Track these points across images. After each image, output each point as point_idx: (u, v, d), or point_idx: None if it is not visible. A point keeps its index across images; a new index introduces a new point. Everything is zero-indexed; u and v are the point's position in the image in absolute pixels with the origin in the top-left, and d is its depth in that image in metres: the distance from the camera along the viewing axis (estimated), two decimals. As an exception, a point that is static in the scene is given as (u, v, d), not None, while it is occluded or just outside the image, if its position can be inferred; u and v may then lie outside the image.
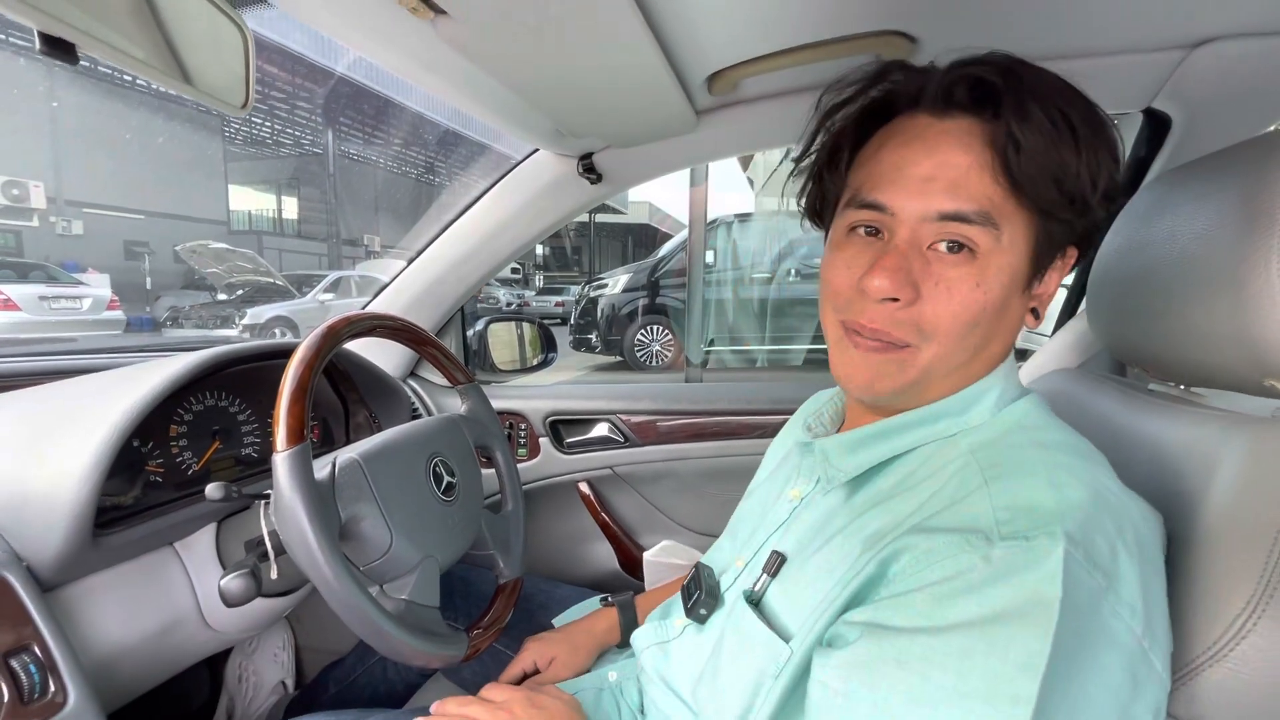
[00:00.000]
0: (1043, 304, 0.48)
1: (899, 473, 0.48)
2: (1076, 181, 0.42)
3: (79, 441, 0.64)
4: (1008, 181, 0.42)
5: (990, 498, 0.40)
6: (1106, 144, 0.43)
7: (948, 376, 0.47)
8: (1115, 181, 0.44)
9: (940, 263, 0.44)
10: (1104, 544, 0.37)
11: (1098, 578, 0.36)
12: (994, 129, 0.43)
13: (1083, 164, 0.42)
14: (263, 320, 8.76)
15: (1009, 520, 0.38)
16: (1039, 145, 0.41)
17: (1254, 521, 0.41)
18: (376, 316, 0.77)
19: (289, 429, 0.60)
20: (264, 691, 1.06)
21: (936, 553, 0.39)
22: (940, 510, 0.42)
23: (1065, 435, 0.45)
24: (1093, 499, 0.39)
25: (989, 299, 0.43)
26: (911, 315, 0.44)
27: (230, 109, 0.52)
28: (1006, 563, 0.36)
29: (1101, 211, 0.44)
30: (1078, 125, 0.42)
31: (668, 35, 0.66)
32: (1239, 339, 0.44)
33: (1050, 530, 0.36)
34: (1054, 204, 0.43)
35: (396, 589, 0.67)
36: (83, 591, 0.67)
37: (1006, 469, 0.42)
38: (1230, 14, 0.69)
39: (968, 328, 0.44)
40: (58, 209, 11.48)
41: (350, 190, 17.66)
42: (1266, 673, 0.39)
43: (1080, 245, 0.47)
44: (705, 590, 0.59)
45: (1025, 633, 0.34)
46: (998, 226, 0.42)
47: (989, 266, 0.43)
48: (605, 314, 6.29)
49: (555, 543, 1.31)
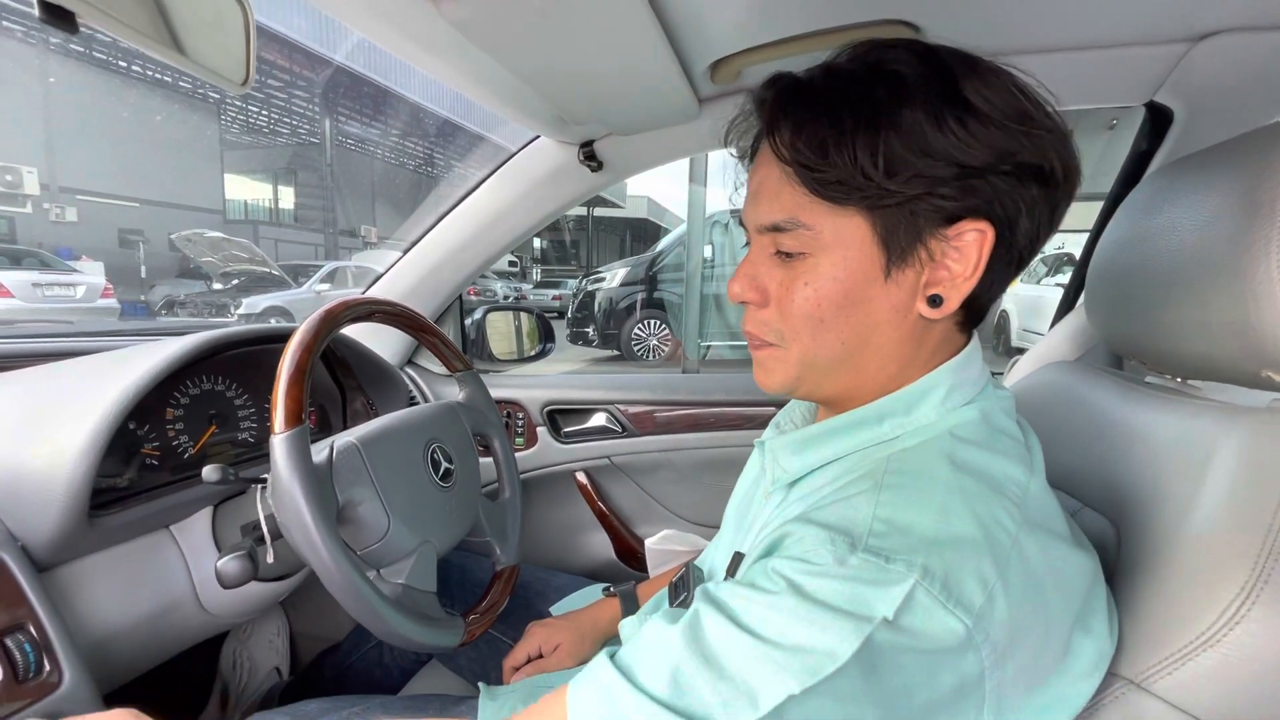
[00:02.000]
0: (949, 288, 0.44)
1: (831, 472, 0.48)
2: (851, 169, 0.41)
3: (75, 422, 0.63)
4: (804, 185, 0.43)
5: (876, 504, 0.40)
6: (868, 126, 0.41)
7: (844, 371, 0.47)
8: (902, 153, 0.40)
9: (779, 268, 0.47)
10: (974, 584, 0.37)
11: (959, 615, 0.36)
12: (773, 142, 0.45)
13: (844, 150, 0.41)
14: (258, 310, 8.73)
15: (883, 534, 0.38)
16: (800, 147, 0.42)
17: (1249, 511, 0.41)
18: (375, 301, 0.77)
19: (287, 411, 0.59)
20: (259, 676, 1.06)
21: (805, 540, 0.40)
22: (828, 503, 0.42)
23: (989, 459, 0.43)
24: (980, 537, 0.38)
25: (822, 296, 0.45)
26: (766, 317, 0.48)
27: (230, 86, 0.51)
28: (855, 572, 0.37)
29: (915, 188, 0.41)
30: (841, 117, 0.41)
31: (672, 20, 0.66)
32: (1238, 330, 0.44)
33: (910, 560, 0.36)
34: (854, 194, 0.42)
35: (393, 573, 0.67)
36: (78, 572, 0.67)
37: (907, 478, 0.42)
38: (1234, 8, 0.69)
39: (812, 324, 0.46)
40: (51, 195, 11.38)
41: (347, 180, 17.57)
42: (1259, 658, 0.39)
43: (992, 220, 0.42)
44: (691, 590, 0.59)
45: (840, 626, 0.35)
46: (811, 229, 0.44)
47: (819, 265, 0.45)
48: (602, 308, 6.28)
49: (552, 532, 1.32)
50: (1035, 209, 0.43)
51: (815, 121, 0.42)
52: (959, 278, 0.43)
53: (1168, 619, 0.43)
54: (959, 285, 0.43)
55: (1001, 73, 0.42)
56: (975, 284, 0.43)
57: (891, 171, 0.40)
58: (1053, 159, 0.42)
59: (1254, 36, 0.72)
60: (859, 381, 0.48)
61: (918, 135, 0.40)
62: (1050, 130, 0.42)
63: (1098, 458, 0.56)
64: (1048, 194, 0.43)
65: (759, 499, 0.58)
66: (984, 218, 0.42)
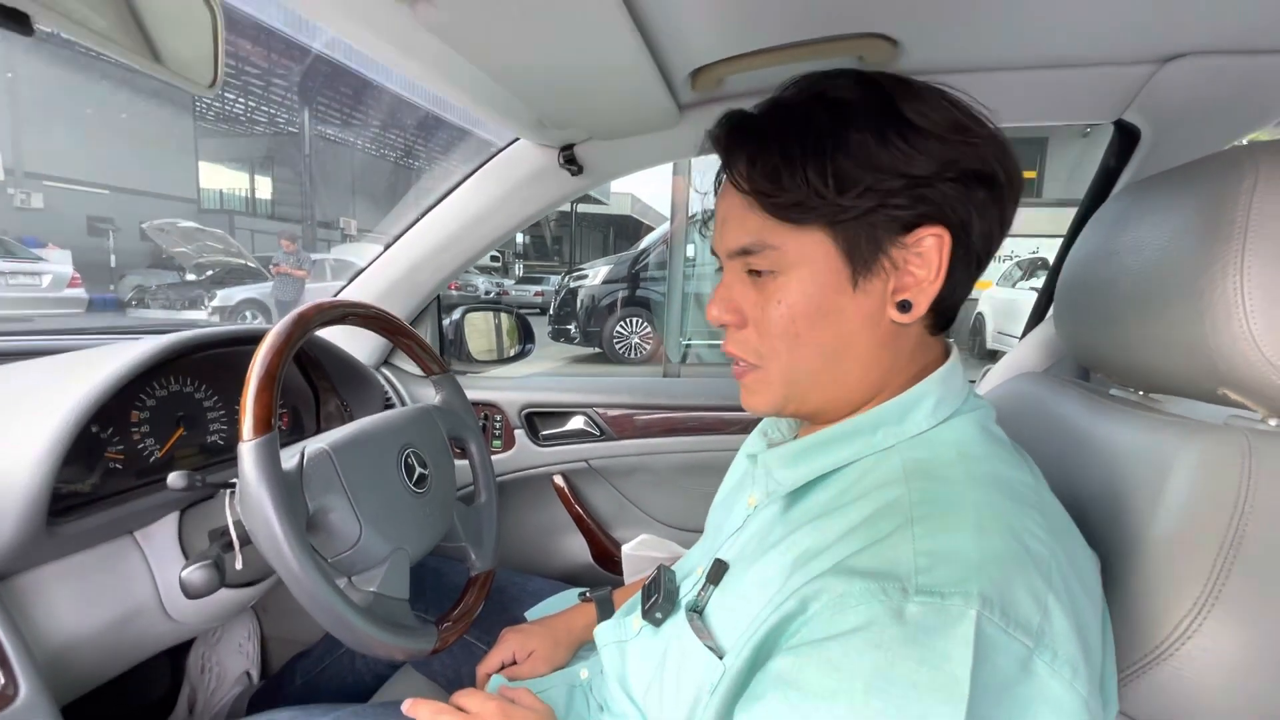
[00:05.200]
0: (917, 293, 0.45)
1: (835, 487, 0.48)
2: (805, 190, 0.44)
3: (34, 426, 0.61)
4: (764, 210, 0.46)
5: (914, 539, 0.39)
6: (815, 150, 0.43)
7: (826, 383, 0.49)
8: (852, 170, 0.43)
9: (753, 289, 0.49)
10: (1029, 600, 0.37)
11: (1020, 638, 0.36)
12: (730, 175, 0.48)
13: (796, 174, 0.44)
14: (233, 303, 8.54)
15: (928, 568, 0.37)
16: (755, 177, 0.45)
17: (1203, 526, 0.43)
18: (349, 304, 0.76)
19: (256, 418, 0.58)
20: (228, 682, 1.04)
21: (851, 597, 0.38)
22: (864, 548, 0.41)
23: (1003, 469, 0.45)
24: (1018, 548, 0.39)
25: (796, 311, 0.47)
26: (745, 337, 0.50)
27: (197, 88, 0.50)
28: (919, 624, 0.36)
29: (868, 200, 0.43)
30: (789, 145, 0.44)
31: (651, 27, 0.66)
32: (1197, 348, 0.46)
33: (965, 590, 0.36)
34: (811, 213, 0.44)
35: (365, 581, 0.66)
36: (36, 581, 0.65)
37: (936, 506, 0.41)
38: (1201, 31, 0.71)
39: (789, 339, 0.48)
40: (16, 181, 11.01)
41: (326, 172, 17.25)
42: (1209, 672, 0.40)
43: (947, 225, 0.44)
44: (664, 594, 0.59)
45: (938, 708, 0.34)
46: (777, 248, 0.46)
47: (789, 282, 0.46)
48: (585, 305, 6.27)
49: (528, 536, 1.31)
50: (985, 211, 0.45)
51: (766, 152, 0.45)
52: (924, 282, 0.45)
53: (1125, 632, 0.44)
54: (925, 289, 0.46)
55: (935, 91, 0.45)
56: (940, 286, 0.45)
57: (842, 188, 0.43)
58: (993, 164, 0.44)
59: (1219, 60, 0.74)
60: (842, 393, 0.49)
61: (865, 153, 0.43)
62: (986, 139, 0.44)
63: (1062, 470, 0.58)
64: (994, 196, 0.45)
65: (741, 506, 0.58)
66: (939, 223, 0.44)
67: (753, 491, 0.57)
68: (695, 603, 0.53)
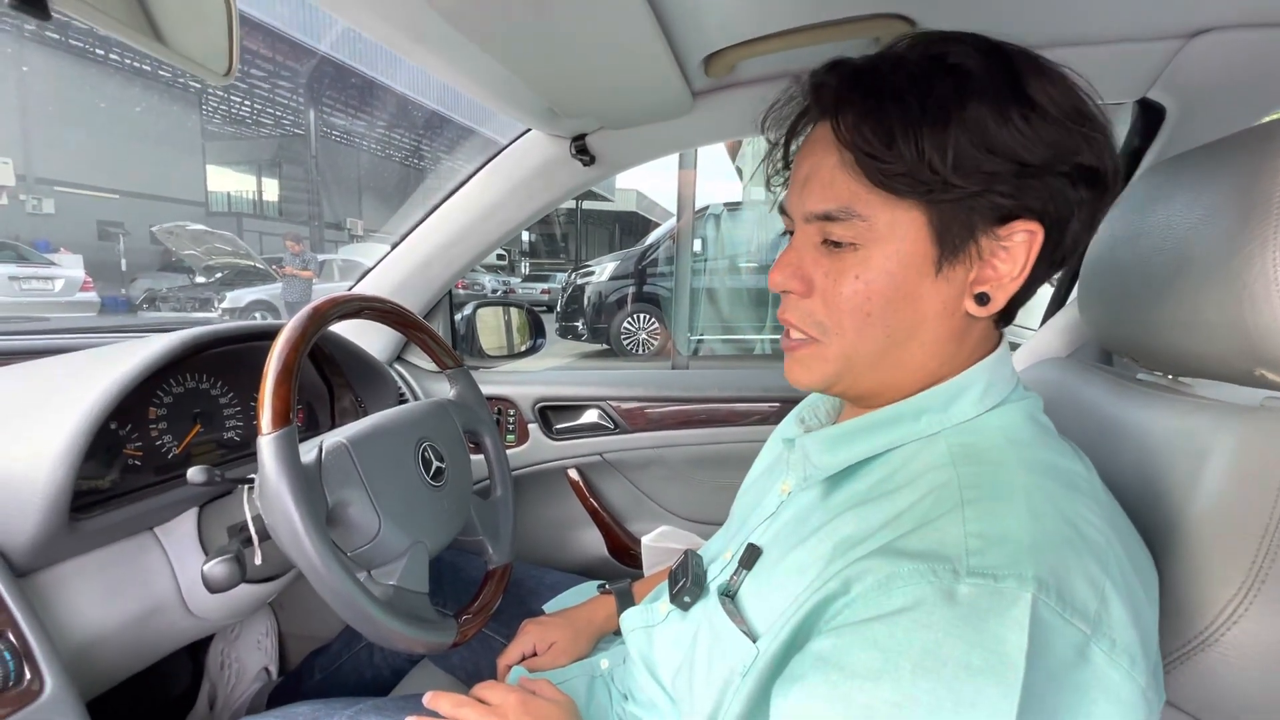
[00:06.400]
0: (996, 288, 0.43)
1: (878, 473, 0.47)
2: (917, 161, 0.40)
3: (55, 423, 0.61)
4: (865, 174, 0.42)
5: (964, 521, 0.38)
6: (937, 119, 0.40)
7: (885, 367, 0.46)
8: (968, 148, 0.40)
9: (826, 258, 0.45)
10: (1085, 587, 0.35)
11: (1078, 625, 0.35)
12: (836, 128, 0.43)
13: (910, 141, 0.40)
14: (242, 304, 8.61)
15: (980, 550, 0.36)
16: (866, 135, 0.41)
17: (1246, 510, 0.41)
18: (364, 298, 0.76)
19: (275, 411, 0.58)
20: (247, 678, 1.04)
21: (898, 578, 0.37)
22: (911, 530, 0.40)
23: (1055, 456, 0.43)
24: (1073, 535, 0.37)
25: (873, 289, 0.44)
26: (810, 307, 0.47)
27: (212, 77, 0.49)
28: (971, 605, 0.35)
29: (975, 184, 0.40)
30: (909, 106, 0.40)
31: (666, 12, 0.65)
32: (1232, 328, 0.44)
33: (1020, 573, 0.35)
34: (917, 187, 0.41)
35: (385, 575, 0.66)
36: (59, 577, 0.65)
37: (986, 490, 0.40)
38: (1228, 4, 0.69)
39: (859, 317, 0.45)
40: (28, 186, 11.13)
41: (333, 172, 17.34)
42: (1255, 658, 0.39)
43: (1043, 221, 0.42)
44: (692, 578, 0.58)
45: (991, 690, 0.33)
46: (866, 219, 0.43)
47: (871, 257, 0.43)
48: (592, 302, 6.26)
49: (544, 529, 1.31)
50: (1083, 211, 0.42)
51: (881, 109, 0.41)
52: (1005, 278, 0.43)
53: (1166, 618, 0.43)
54: (1005, 285, 0.43)
55: (1061, 71, 0.42)
56: (1021, 284, 0.43)
57: (958, 166, 0.40)
58: (1107, 162, 0.42)
59: (1247, 33, 0.72)
60: (898, 377, 0.47)
61: (982, 131, 0.39)
62: (1104, 133, 0.42)
63: (1093, 456, 0.56)
64: (1096, 196, 0.42)
65: (775, 492, 0.57)
66: (1035, 218, 0.42)
67: (787, 478, 0.56)
68: (727, 587, 0.52)
